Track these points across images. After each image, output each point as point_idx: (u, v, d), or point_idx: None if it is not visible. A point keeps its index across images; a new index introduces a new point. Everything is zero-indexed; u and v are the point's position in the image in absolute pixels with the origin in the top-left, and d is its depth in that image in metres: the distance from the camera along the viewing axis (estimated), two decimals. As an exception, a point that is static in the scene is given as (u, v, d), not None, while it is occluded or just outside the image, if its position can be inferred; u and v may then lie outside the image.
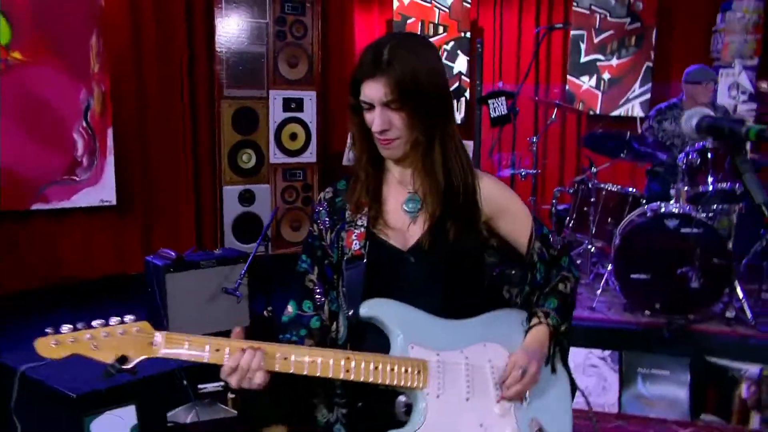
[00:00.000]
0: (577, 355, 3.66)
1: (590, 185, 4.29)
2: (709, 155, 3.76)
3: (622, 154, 4.15)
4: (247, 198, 4.78)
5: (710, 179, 3.76)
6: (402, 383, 1.33)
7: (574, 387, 1.56)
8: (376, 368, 1.31)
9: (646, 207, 3.94)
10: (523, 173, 4.78)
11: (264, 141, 4.86)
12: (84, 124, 4.34)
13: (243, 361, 1.26)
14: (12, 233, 4.20)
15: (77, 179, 4.35)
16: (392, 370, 1.32)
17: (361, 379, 1.31)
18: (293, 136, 4.93)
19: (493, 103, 3.95)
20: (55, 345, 1.20)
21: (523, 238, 1.52)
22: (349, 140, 1.56)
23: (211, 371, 3.18)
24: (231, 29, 4.66)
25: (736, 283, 3.75)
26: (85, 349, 1.21)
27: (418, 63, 1.38)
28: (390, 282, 1.43)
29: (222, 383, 3.18)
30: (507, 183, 4.96)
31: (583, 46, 5.46)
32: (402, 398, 1.37)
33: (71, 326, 1.21)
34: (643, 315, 3.83)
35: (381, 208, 1.49)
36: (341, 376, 1.30)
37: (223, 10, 4.61)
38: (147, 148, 4.69)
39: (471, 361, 1.41)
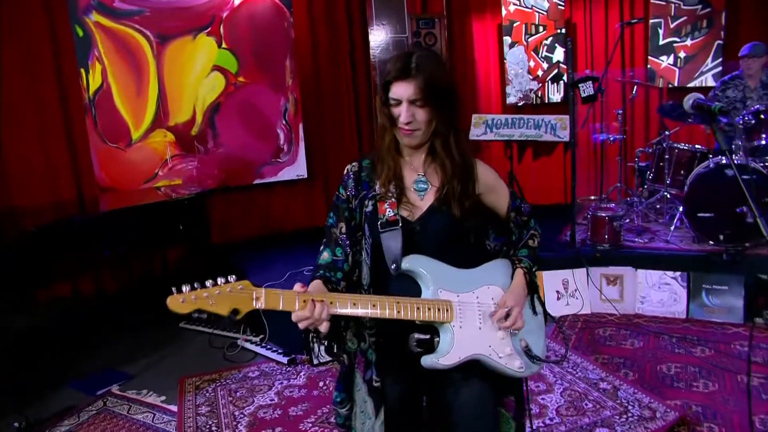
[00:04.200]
0: (653, 275, 4.14)
1: (665, 145, 4.84)
2: (762, 116, 4.30)
3: (690, 119, 4.66)
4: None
5: (764, 135, 4.28)
6: (435, 318, 1.54)
7: (546, 315, 1.80)
8: (418, 308, 1.52)
9: (710, 160, 4.34)
10: (611, 138, 5.32)
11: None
12: (284, 122, 5.53)
13: (315, 311, 1.40)
14: (240, 200, 5.46)
15: (281, 161, 5.56)
16: (429, 309, 1.53)
17: (408, 317, 1.50)
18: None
19: (583, 86, 4.36)
20: (183, 302, 1.31)
21: (503, 208, 1.75)
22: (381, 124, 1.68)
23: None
24: (380, 41, 5.61)
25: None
26: (205, 304, 1.32)
27: (438, 71, 1.58)
28: (406, 243, 1.60)
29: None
30: (599, 147, 5.78)
31: (661, 32, 6.00)
32: (415, 335, 1.57)
33: (190, 286, 1.33)
34: (708, 245, 4.22)
35: (403, 187, 1.67)
36: (394, 315, 1.48)
37: (374, 28, 5.59)
38: (324, 136, 5.82)
39: (480, 300, 1.63)
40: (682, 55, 6.03)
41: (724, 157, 4.30)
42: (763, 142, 4.35)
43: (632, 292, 4.25)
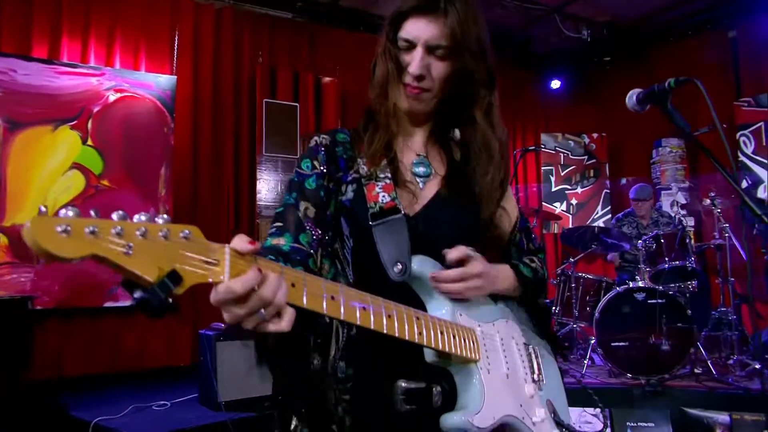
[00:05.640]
0: (571, 413, 3.86)
1: (570, 273, 4.74)
2: (662, 240, 4.32)
3: (593, 245, 4.66)
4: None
5: (666, 259, 4.27)
6: (462, 352, 1.07)
7: (559, 346, 1.43)
8: (442, 333, 1.04)
9: (617, 287, 4.29)
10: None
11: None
12: None
13: (267, 285, 0.79)
14: (83, 328, 4.55)
15: None
16: (454, 336, 1.06)
17: (430, 344, 1.02)
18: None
19: None
20: (65, 234, 0.63)
21: (509, 225, 1.34)
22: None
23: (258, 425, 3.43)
24: (269, 162, 5.33)
25: (699, 344, 4.08)
26: (113, 251, 0.66)
27: (477, 17, 1.20)
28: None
29: None
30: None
31: (553, 178, 6.32)
32: (401, 383, 1.09)
33: (95, 212, 0.67)
34: (626, 377, 4.01)
35: (400, 165, 1.25)
36: (415, 338, 0.99)
37: (264, 144, 5.29)
38: None
39: (502, 335, 1.20)
40: (574, 201, 6.22)
41: (631, 283, 4.26)
42: (666, 266, 4.31)
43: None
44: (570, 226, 6.16)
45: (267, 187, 5.29)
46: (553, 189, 6.25)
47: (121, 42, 4.97)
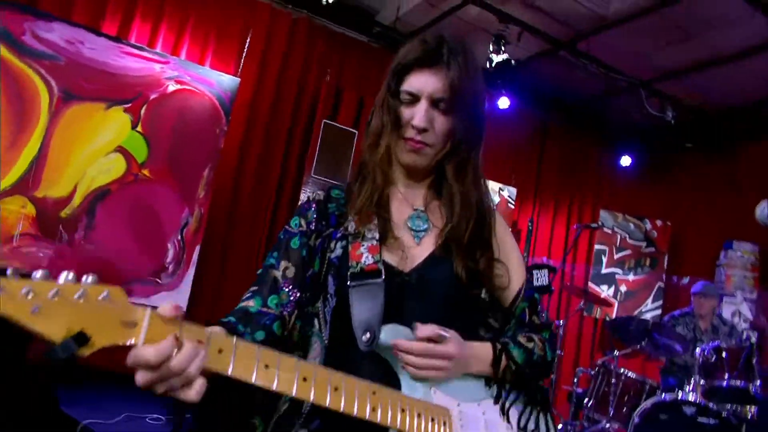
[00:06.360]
0: None
1: (612, 368, 4.34)
2: (724, 354, 3.88)
3: (643, 343, 4.25)
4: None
5: (726, 375, 3.84)
6: None
7: None
8: (402, 410, 0.97)
9: (663, 395, 3.95)
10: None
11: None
12: (179, 237, 4.66)
13: (180, 356, 0.81)
14: None
15: (161, 282, 4.55)
16: (419, 415, 0.99)
17: (386, 423, 0.95)
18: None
19: (537, 273, 4.09)
20: None
21: (512, 290, 1.26)
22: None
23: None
24: (314, 183, 5.10)
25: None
26: (21, 310, 0.68)
27: (477, 71, 1.21)
28: (393, 304, 1.12)
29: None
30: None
31: (604, 259, 5.95)
32: None
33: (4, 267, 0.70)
34: None
35: (389, 224, 1.21)
36: (366, 414, 0.93)
37: (314, 165, 5.07)
38: (223, 268, 4.96)
39: (487, 418, 1.12)
40: (623, 288, 5.85)
41: (681, 393, 3.88)
42: (725, 383, 3.88)
43: None
44: (614, 314, 5.78)
45: (308, 209, 5.07)
46: (603, 271, 5.89)
47: (191, 33, 4.88)
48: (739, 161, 5.72)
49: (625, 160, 6.23)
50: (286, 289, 1.16)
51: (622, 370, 4.41)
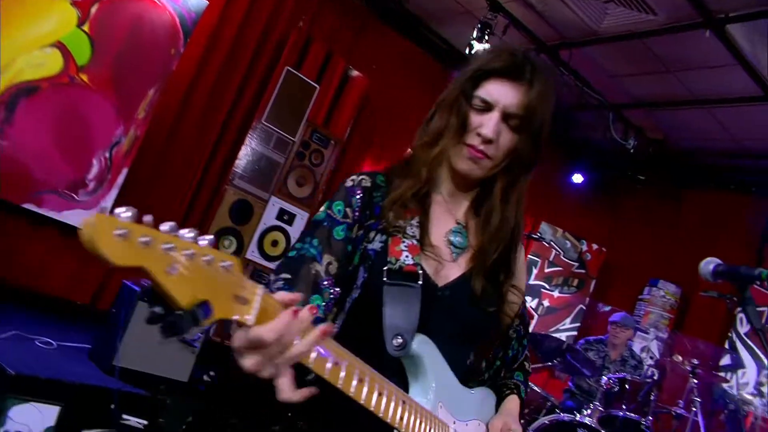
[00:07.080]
0: None
1: None
2: (627, 386, 3.99)
3: (555, 361, 4.30)
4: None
5: (624, 407, 3.95)
6: None
7: None
8: (421, 419, 1.04)
9: (561, 414, 3.98)
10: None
11: (248, 236, 4.94)
12: (107, 155, 4.36)
13: (290, 327, 0.79)
14: None
15: (77, 198, 4.25)
16: (421, 423, 1.03)
17: (404, 427, 0.99)
18: (274, 243, 5.06)
19: None
20: (120, 238, 0.62)
21: (513, 310, 1.33)
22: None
23: (144, 406, 3.04)
24: (251, 156, 4.82)
25: None
26: (158, 266, 0.66)
27: (553, 100, 1.21)
28: (421, 315, 1.12)
29: (145, 421, 3.02)
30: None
31: (534, 270, 5.99)
32: None
33: (151, 218, 0.66)
34: None
35: (429, 227, 1.20)
36: (396, 421, 0.96)
37: (267, 111, 4.81)
38: (147, 198, 4.69)
39: None
40: (546, 303, 5.92)
41: (578, 415, 3.93)
42: (621, 414, 3.99)
43: None
44: (532, 328, 5.84)
45: (249, 157, 4.83)
46: (531, 281, 5.93)
47: (165, -59, 4.50)
48: (683, 204, 5.84)
49: (577, 178, 6.25)
50: (330, 288, 1.11)
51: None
